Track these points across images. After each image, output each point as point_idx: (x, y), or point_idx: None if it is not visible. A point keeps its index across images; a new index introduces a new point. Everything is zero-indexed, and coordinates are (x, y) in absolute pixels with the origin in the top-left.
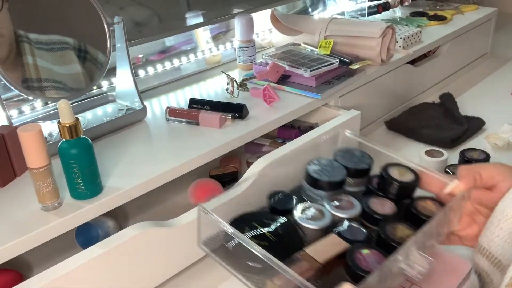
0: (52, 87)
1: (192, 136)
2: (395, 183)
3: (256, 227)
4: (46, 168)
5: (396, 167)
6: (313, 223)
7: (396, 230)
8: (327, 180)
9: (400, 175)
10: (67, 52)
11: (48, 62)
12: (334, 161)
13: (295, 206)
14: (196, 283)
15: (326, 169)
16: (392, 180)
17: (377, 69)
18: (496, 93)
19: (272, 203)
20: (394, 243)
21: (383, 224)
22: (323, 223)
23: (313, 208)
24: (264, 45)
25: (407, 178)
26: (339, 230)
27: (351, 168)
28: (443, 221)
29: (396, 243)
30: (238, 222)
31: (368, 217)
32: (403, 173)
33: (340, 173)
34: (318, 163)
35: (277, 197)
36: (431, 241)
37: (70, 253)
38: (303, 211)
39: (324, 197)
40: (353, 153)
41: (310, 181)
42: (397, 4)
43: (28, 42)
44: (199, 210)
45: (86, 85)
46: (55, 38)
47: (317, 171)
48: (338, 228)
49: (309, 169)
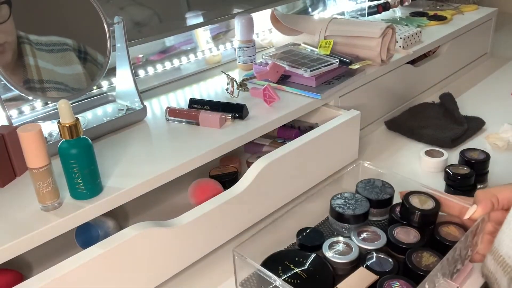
0: (54, 88)
1: (192, 136)
2: (417, 211)
3: (288, 266)
4: (46, 168)
5: (417, 195)
6: (342, 257)
7: (422, 258)
8: (351, 213)
9: (421, 203)
10: (68, 53)
11: (49, 63)
12: (357, 194)
13: (323, 241)
14: (196, 283)
15: (350, 203)
16: (414, 209)
17: (377, 69)
18: (496, 93)
19: (301, 239)
20: (421, 272)
21: (409, 253)
22: (352, 256)
23: (341, 243)
24: (264, 45)
25: (428, 205)
26: (367, 263)
27: (374, 200)
28: (466, 246)
29: (422, 272)
30: (271, 262)
31: (394, 246)
32: (424, 201)
33: (364, 205)
34: (342, 196)
35: (306, 234)
36: (456, 265)
37: (70, 253)
38: (332, 246)
39: (350, 230)
40: (374, 183)
41: (335, 215)
42: (397, 4)
43: (29, 43)
44: (234, 254)
45: (87, 85)
46: (55, 39)
47: (341, 205)
48: (366, 261)
49: (334, 203)
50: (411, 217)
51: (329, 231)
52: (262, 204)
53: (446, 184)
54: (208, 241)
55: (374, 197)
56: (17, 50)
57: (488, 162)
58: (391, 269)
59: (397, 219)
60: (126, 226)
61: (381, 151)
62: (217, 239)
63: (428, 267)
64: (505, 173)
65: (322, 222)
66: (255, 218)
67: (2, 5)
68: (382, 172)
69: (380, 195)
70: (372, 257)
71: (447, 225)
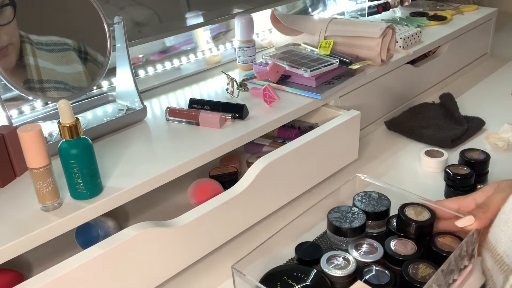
0: (54, 88)
1: (192, 136)
2: (413, 223)
3: (287, 281)
4: (46, 168)
5: (412, 206)
6: (340, 271)
7: (418, 270)
8: (348, 226)
9: (416, 215)
10: (68, 53)
11: (49, 62)
12: (353, 207)
13: (321, 255)
14: (196, 283)
15: (347, 216)
16: (410, 221)
17: (377, 69)
18: (496, 93)
19: (299, 254)
20: (417, 284)
21: (406, 265)
22: (349, 270)
23: (339, 257)
24: (264, 45)
25: (423, 216)
26: (364, 277)
27: (370, 212)
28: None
29: (418, 284)
30: (270, 278)
31: (391, 259)
32: (419, 212)
33: (360, 218)
34: (338, 210)
35: (304, 248)
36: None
37: (70, 253)
38: (329, 260)
39: (347, 243)
40: (371, 196)
41: (332, 229)
42: (397, 4)
43: (29, 43)
44: (233, 271)
45: (88, 85)
46: (55, 39)
47: (338, 219)
48: (363, 274)
49: (331, 217)
50: (407, 228)
51: (328, 245)
52: (262, 204)
53: (446, 184)
54: (208, 241)
55: (371, 209)
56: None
57: (488, 162)
58: (388, 281)
59: (394, 231)
60: (126, 226)
61: (381, 151)
62: (217, 239)
63: (424, 279)
64: (505, 173)
65: (321, 236)
66: (255, 218)
67: (6, 7)
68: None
69: (377, 207)
70: (370, 270)
71: (443, 236)
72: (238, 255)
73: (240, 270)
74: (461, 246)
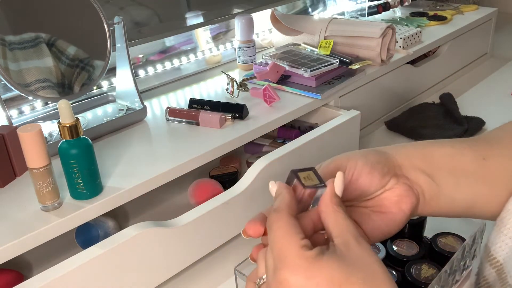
0: (53, 88)
1: (192, 136)
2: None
3: None
4: (46, 168)
5: None
6: None
7: (421, 270)
8: None
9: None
10: (68, 53)
11: (49, 62)
12: None
13: None
14: (196, 283)
15: None
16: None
17: (377, 69)
18: (496, 93)
19: None
20: (421, 285)
21: (409, 265)
22: None
23: None
24: (264, 45)
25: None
26: None
27: None
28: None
29: (422, 284)
30: None
31: (394, 259)
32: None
33: None
34: None
35: None
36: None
37: (70, 253)
38: None
39: None
40: None
41: None
42: (397, 4)
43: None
44: (236, 273)
45: (91, 82)
46: (56, 39)
47: None
48: None
49: None
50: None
51: None
52: (262, 204)
53: None
54: (208, 241)
55: None
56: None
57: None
58: None
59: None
60: (126, 226)
61: None
62: (217, 239)
63: (427, 279)
64: None
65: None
66: None
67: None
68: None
69: None
70: None
71: (445, 236)
72: (238, 255)
73: (243, 272)
74: (463, 246)
